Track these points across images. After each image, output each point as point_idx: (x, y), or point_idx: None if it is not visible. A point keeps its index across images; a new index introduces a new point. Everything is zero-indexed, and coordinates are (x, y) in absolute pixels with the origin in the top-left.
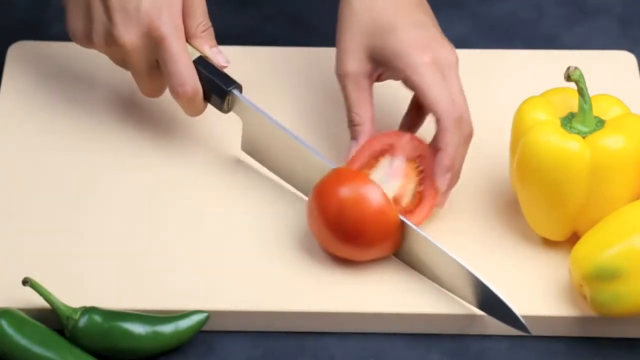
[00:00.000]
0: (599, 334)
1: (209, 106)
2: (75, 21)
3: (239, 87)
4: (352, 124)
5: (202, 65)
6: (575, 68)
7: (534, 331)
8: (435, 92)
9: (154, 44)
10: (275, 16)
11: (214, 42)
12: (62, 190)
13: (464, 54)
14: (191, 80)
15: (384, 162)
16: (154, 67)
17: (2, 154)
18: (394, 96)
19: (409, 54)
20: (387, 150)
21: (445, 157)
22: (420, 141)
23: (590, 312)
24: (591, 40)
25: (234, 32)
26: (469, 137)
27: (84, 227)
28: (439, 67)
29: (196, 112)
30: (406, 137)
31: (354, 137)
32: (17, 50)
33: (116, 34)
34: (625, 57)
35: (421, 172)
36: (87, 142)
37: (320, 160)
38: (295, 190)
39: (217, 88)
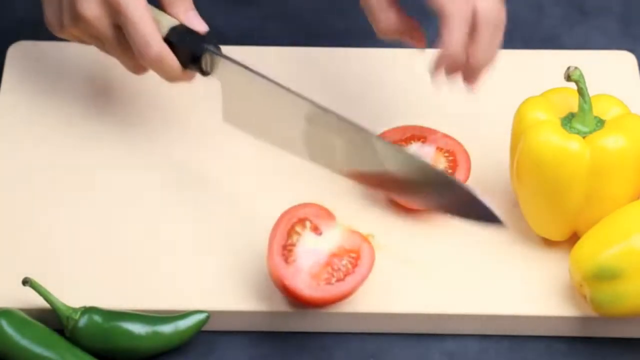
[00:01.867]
0: (599, 334)
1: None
2: (49, 13)
3: (217, 47)
4: (381, 33)
5: (179, 30)
6: (575, 68)
7: (534, 331)
8: None
9: (113, 10)
10: (275, 16)
11: (189, 6)
12: (62, 190)
13: None
14: (154, 42)
15: (415, 146)
16: (123, 38)
17: (2, 154)
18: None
19: None
20: (419, 138)
21: (443, 50)
22: (452, 139)
23: (590, 312)
24: (591, 40)
25: (234, 32)
26: (494, 21)
27: (84, 227)
28: None
29: (172, 77)
30: (439, 133)
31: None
32: (17, 50)
33: (78, 9)
34: (625, 57)
35: (451, 162)
36: (87, 142)
37: (302, 101)
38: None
39: (192, 50)
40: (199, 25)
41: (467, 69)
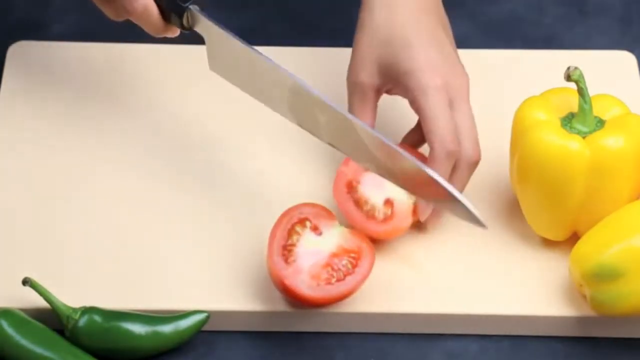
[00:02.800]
0: (599, 334)
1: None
2: None
3: (200, 3)
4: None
5: None
6: (575, 68)
7: (534, 331)
8: (436, 121)
9: None
10: (275, 16)
11: None
12: (62, 190)
13: (464, 54)
14: None
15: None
16: None
17: (2, 154)
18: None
19: (419, 74)
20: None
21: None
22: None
23: (590, 312)
24: (591, 40)
25: (234, 32)
26: (473, 164)
27: (84, 227)
28: (448, 93)
29: (155, 30)
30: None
31: None
32: (17, 50)
33: None
34: (625, 57)
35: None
36: (87, 141)
37: (284, 74)
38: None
39: (174, 6)
40: None
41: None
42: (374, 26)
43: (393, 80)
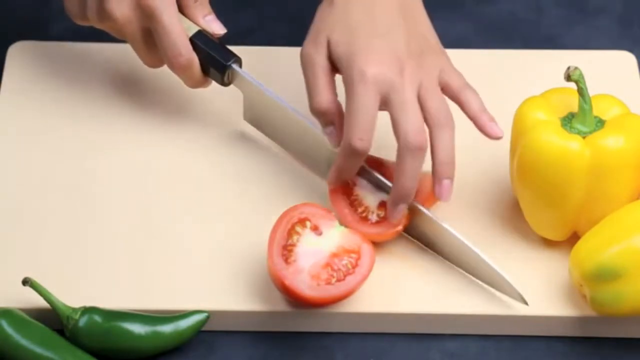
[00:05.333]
0: (599, 334)
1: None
2: (70, 1)
3: (239, 61)
4: (316, 112)
5: (201, 39)
6: (575, 68)
7: (534, 331)
8: (356, 114)
9: (145, 15)
10: (275, 16)
11: (208, 10)
12: (62, 190)
13: (464, 54)
14: (184, 52)
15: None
16: (150, 37)
17: (2, 154)
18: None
19: (356, 63)
20: (376, 168)
21: (397, 187)
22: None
23: (590, 312)
24: (591, 40)
25: (234, 32)
26: (450, 121)
27: (84, 227)
28: (380, 83)
29: (195, 83)
30: None
31: (324, 124)
32: (17, 50)
33: (108, 9)
34: (625, 57)
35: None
36: (86, 141)
37: (320, 134)
38: (298, 167)
39: (216, 62)
40: (218, 29)
41: (436, 172)
42: (333, 5)
43: (338, 65)
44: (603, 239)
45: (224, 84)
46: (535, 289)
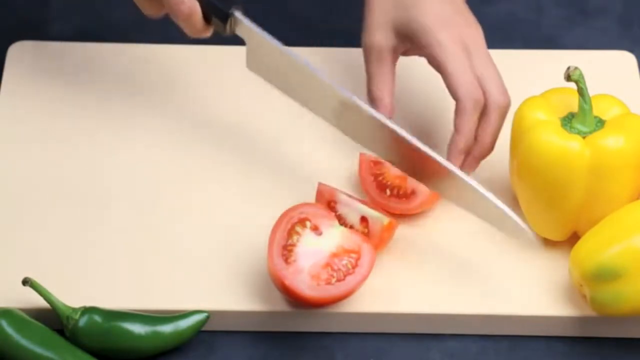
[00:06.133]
0: (599, 334)
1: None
2: None
3: (241, 9)
4: (371, 98)
5: None
6: (575, 68)
7: (534, 331)
8: (456, 73)
9: None
10: (276, 16)
11: None
12: (62, 190)
13: None
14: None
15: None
16: None
17: (2, 154)
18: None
19: (434, 30)
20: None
21: (459, 141)
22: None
23: (590, 312)
24: (591, 40)
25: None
26: (504, 108)
27: (84, 227)
28: (464, 45)
29: (196, 31)
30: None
31: (378, 109)
32: (17, 50)
33: None
34: (625, 57)
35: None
36: (87, 142)
37: (327, 82)
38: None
39: (218, 10)
40: None
41: (473, 152)
42: None
43: (408, 39)
44: (603, 239)
45: (226, 32)
46: (535, 289)
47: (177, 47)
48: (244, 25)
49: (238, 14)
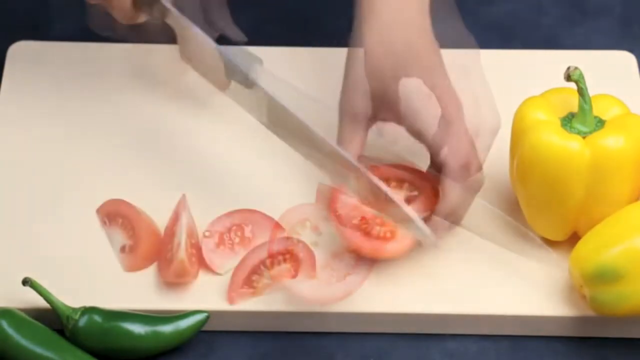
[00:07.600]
0: (599, 334)
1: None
2: None
3: None
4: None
5: None
6: (575, 68)
7: (534, 331)
8: (438, 140)
9: None
10: (275, 16)
11: None
12: (62, 190)
13: (464, 54)
14: None
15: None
16: None
17: (2, 154)
18: None
19: (413, 100)
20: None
21: (445, 205)
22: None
23: (590, 312)
24: (591, 40)
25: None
26: (477, 187)
27: (84, 227)
28: (443, 117)
29: (124, 17)
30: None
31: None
32: (17, 50)
33: None
34: (625, 57)
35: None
36: (87, 142)
37: (246, 70)
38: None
39: None
40: None
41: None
42: (367, 51)
43: (385, 107)
44: (603, 239)
45: (156, 19)
46: (535, 289)
47: (175, 47)
48: (173, 14)
49: (165, 1)
